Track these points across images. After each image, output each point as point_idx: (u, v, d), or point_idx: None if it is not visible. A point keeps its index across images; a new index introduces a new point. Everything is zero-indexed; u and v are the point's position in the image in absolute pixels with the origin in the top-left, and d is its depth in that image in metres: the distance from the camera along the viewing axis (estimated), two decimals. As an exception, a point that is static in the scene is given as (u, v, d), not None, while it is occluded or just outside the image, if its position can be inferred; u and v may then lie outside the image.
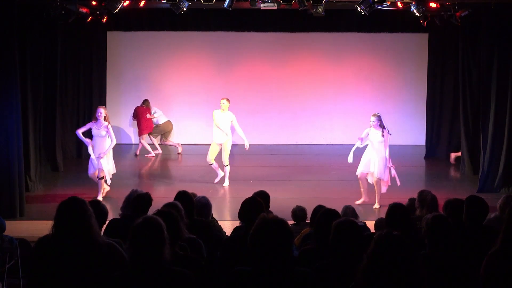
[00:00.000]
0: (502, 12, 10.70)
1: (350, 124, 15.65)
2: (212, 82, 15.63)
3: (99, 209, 4.88)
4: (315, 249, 4.51)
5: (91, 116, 14.32)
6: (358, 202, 10.07)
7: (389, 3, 10.80)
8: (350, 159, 10.28)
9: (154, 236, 3.46)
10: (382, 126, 10.01)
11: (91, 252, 3.79)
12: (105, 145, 10.14)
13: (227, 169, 11.42)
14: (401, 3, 10.94)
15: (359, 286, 3.30)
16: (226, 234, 6.48)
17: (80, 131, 10.36)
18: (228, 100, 11.29)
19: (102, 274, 3.72)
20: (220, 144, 11.31)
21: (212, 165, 11.48)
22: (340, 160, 14.04)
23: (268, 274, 3.33)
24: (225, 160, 11.31)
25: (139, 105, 14.63)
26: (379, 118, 10.04)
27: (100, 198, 9.93)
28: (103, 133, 10.10)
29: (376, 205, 10.05)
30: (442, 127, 14.56)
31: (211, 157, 11.36)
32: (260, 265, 3.35)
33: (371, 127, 10.07)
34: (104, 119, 10.11)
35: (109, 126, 10.13)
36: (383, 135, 9.97)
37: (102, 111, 10.16)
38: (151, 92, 15.58)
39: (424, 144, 14.82)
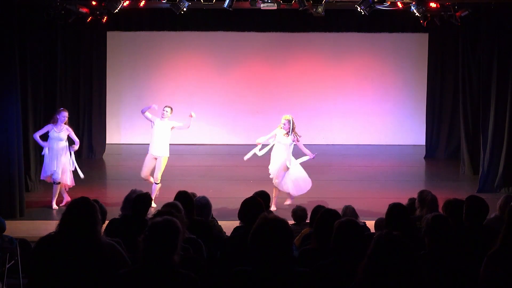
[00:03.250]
0: (502, 12, 10.70)
1: (350, 124, 15.68)
2: (212, 82, 15.64)
3: (99, 209, 4.86)
4: (315, 249, 4.50)
5: (92, 116, 14.37)
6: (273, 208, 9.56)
7: (389, 3, 10.80)
8: (246, 157, 10.04)
9: (170, 238, 3.46)
10: (292, 130, 9.79)
11: (92, 252, 3.79)
12: (62, 148, 9.95)
13: (158, 187, 10.18)
14: (401, 3, 10.94)
15: (359, 286, 3.30)
16: (226, 234, 6.47)
17: (38, 134, 9.98)
18: (172, 109, 10.17)
19: (103, 274, 3.72)
20: (155, 158, 10.18)
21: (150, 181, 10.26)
22: (340, 160, 14.10)
23: (268, 274, 3.33)
24: (158, 177, 10.18)
25: None
26: (289, 122, 9.82)
27: (54, 204, 9.88)
28: (64, 136, 9.93)
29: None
30: (442, 127, 14.57)
31: (146, 172, 10.25)
32: (260, 265, 3.35)
33: (281, 128, 9.86)
34: (64, 123, 9.94)
35: (70, 129, 9.97)
36: (293, 140, 9.81)
37: (66, 115, 9.92)
38: (151, 92, 15.58)
39: (424, 144, 14.82)
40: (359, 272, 3.30)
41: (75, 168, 10.10)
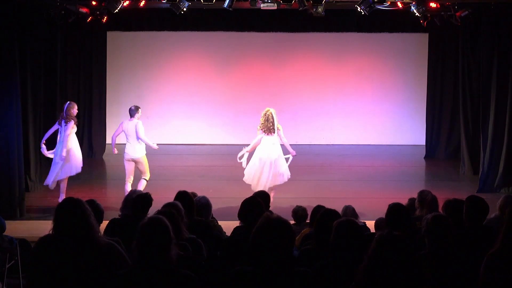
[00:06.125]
0: (502, 12, 10.70)
1: (350, 124, 15.68)
2: (212, 82, 15.64)
3: (95, 208, 4.85)
4: (315, 249, 4.51)
5: (92, 116, 14.37)
6: None
7: (389, 3, 10.80)
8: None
9: (160, 236, 3.47)
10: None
11: (91, 252, 3.78)
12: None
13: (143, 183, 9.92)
14: (401, 3, 10.94)
15: (359, 286, 3.30)
16: (226, 234, 6.47)
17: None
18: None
19: (102, 273, 3.72)
20: (131, 160, 9.91)
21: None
22: (340, 160, 14.10)
23: (268, 274, 3.33)
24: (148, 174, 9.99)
25: None
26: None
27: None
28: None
29: None
30: (442, 127, 14.56)
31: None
32: (261, 265, 3.34)
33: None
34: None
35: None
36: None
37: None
38: (151, 92, 15.59)
39: (424, 144, 14.82)
40: (359, 272, 3.29)
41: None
